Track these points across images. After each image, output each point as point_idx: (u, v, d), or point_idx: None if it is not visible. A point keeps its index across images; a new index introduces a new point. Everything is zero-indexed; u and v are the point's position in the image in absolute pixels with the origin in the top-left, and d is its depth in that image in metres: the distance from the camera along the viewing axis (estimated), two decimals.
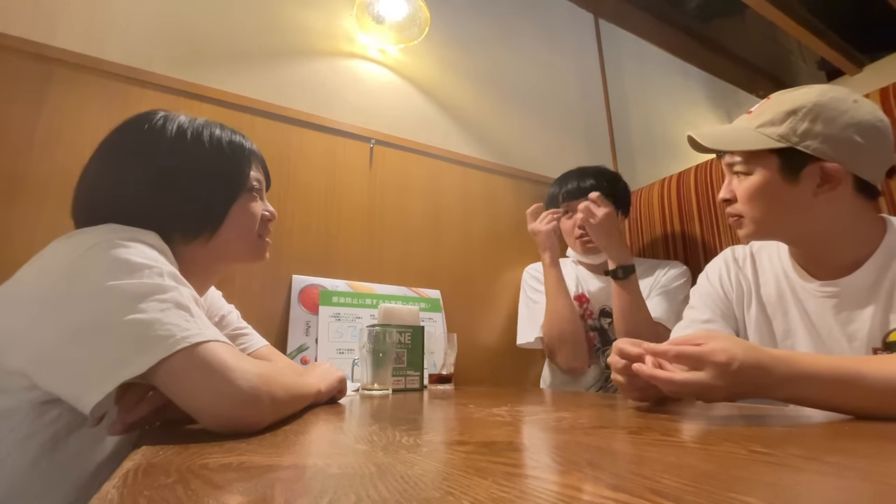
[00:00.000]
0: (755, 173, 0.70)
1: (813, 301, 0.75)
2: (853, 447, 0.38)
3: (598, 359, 1.24)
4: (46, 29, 0.98)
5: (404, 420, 0.55)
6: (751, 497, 0.22)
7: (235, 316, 0.85)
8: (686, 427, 0.48)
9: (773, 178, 0.69)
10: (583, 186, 1.28)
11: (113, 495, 0.25)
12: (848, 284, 0.70)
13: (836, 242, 0.71)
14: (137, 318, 0.43)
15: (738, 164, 0.72)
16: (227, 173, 0.66)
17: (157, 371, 0.42)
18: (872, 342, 0.68)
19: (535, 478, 0.28)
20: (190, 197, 0.62)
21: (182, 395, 0.43)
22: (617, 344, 0.60)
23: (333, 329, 1.12)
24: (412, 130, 1.43)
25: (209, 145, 0.64)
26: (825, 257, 0.73)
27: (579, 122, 1.86)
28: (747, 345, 0.51)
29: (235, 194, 0.66)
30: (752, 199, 0.71)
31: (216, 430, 0.43)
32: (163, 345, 0.42)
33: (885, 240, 0.69)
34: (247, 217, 0.67)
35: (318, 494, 0.24)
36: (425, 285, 1.32)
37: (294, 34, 1.31)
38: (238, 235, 0.67)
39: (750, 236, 0.74)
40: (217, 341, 0.46)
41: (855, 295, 0.70)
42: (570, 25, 1.98)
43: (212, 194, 0.64)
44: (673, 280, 1.24)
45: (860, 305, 0.70)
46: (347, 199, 1.27)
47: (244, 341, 0.83)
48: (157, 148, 0.61)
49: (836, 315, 0.72)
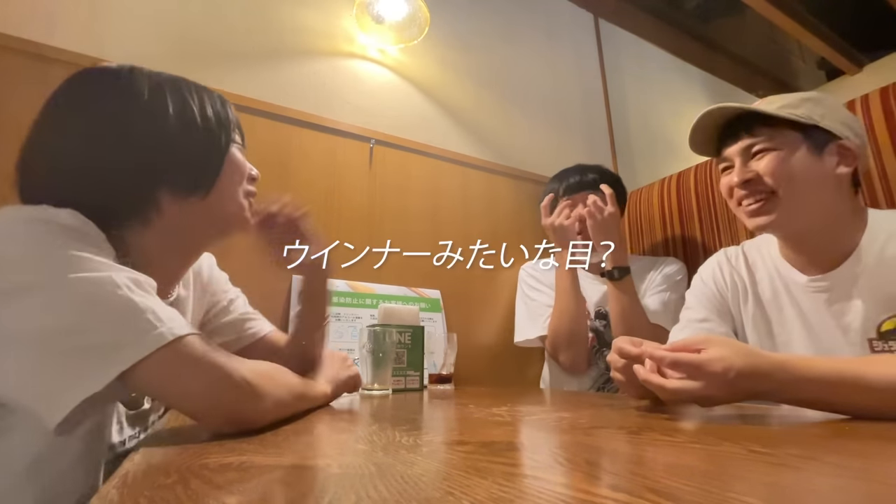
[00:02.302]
0: (783, 149, 0.72)
1: (806, 296, 0.76)
2: (852, 447, 0.38)
3: (597, 361, 1.23)
4: (45, 29, 0.98)
5: (404, 420, 0.55)
6: (751, 497, 0.22)
7: (243, 301, 0.80)
8: (686, 427, 0.48)
9: (801, 153, 0.71)
10: (585, 180, 1.26)
11: (113, 495, 0.25)
12: (837, 277, 0.72)
13: (832, 231, 0.73)
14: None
15: (761, 142, 0.73)
16: (217, 119, 0.58)
17: (131, 377, 0.38)
18: (867, 332, 0.70)
19: (535, 478, 0.28)
20: (182, 145, 0.54)
21: (170, 396, 0.42)
22: (617, 342, 0.61)
23: (333, 329, 1.12)
24: (412, 130, 1.43)
25: (189, 93, 0.57)
26: (819, 249, 0.75)
27: (579, 122, 1.86)
28: (746, 350, 0.51)
29: (228, 141, 0.59)
30: (785, 172, 0.71)
31: (214, 429, 0.42)
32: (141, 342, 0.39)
33: (867, 230, 0.72)
34: (238, 168, 0.60)
35: (318, 494, 0.24)
36: (425, 285, 1.32)
37: (294, 34, 1.31)
38: (235, 190, 0.59)
39: (777, 216, 0.73)
40: (195, 334, 0.43)
41: (845, 287, 0.72)
42: (570, 25, 1.98)
43: (206, 141, 0.56)
44: (669, 278, 1.22)
45: (851, 297, 0.71)
46: (347, 199, 1.27)
47: (253, 325, 0.77)
48: (135, 99, 0.53)
49: (829, 308, 0.73)
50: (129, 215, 0.52)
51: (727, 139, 0.78)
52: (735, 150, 0.76)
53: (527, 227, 1.49)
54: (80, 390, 0.37)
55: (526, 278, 1.37)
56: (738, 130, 0.76)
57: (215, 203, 0.57)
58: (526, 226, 1.49)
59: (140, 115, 0.52)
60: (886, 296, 0.69)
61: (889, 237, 0.70)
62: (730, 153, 0.77)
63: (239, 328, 0.75)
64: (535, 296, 1.31)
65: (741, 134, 0.75)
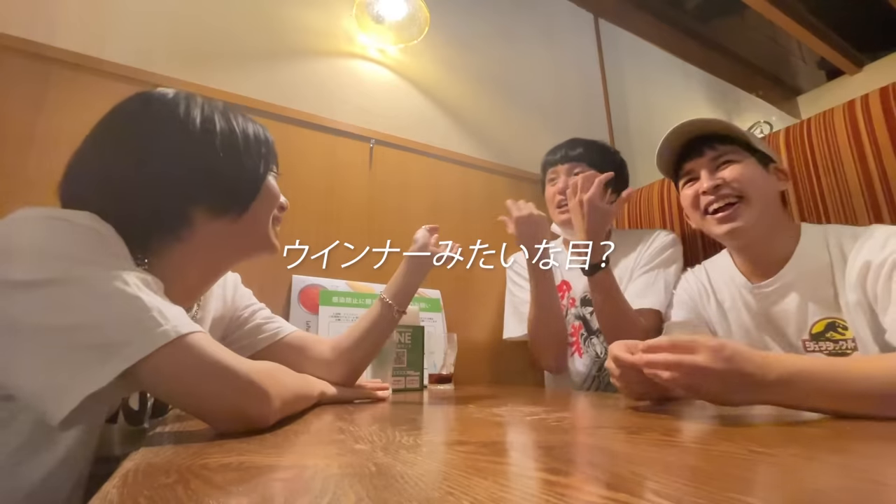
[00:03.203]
0: (745, 162, 0.85)
1: (753, 301, 0.87)
2: (853, 447, 0.38)
3: (587, 348, 1.18)
4: (46, 29, 0.98)
5: (404, 420, 0.55)
6: (751, 497, 0.22)
7: (266, 311, 0.81)
8: (686, 427, 0.48)
9: (756, 167, 0.85)
10: (571, 154, 1.21)
11: (113, 495, 0.25)
12: (775, 282, 0.83)
13: (773, 240, 0.84)
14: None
15: (725, 154, 0.86)
16: (262, 145, 0.62)
17: (137, 374, 0.39)
18: (801, 333, 0.80)
19: (535, 478, 0.28)
20: (223, 169, 0.57)
21: (176, 395, 0.42)
22: (612, 350, 0.61)
23: (333, 329, 1.12)
24: (412, 130, 1.43)
25: (236, 122, 0.60)
26: (762, 256, 0.86)
27: (579, 122, 1.85)
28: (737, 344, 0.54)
29: (268, 168, 0.63)
30: (749, 178, 0.84)
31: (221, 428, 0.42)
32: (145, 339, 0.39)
33: (800, 241, 0.83)
34: (272, 196, 0.63)
35: (318, 494, 0.24)
36: (425, 285, 1.32)
37: (294, 34, 1.31)
38: (263, 217, 0.62)
39: (744, 221, 0.82)
40: (200, 332, 0.43)
41: (781, 291, 0.83)
42: (570, 25, 1.98)
43: (246, 167, 0.59)
44: (656, 254, 1.13)
45: (787, 301, 0.82)
46: (347, 199, 1.27)
47: (271, 327, 0.78)
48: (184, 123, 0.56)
49: (771, 310, 0.84)
50: (161, 228, 0.54)
51: (689, 156, 0.89)
52: (701, 162, 0.87)
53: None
54: (85, 386, 0.37)
55: (511, 274, 1.34)
56: (699, 146, 0.88)
57: (246, 226, 0.60)
58: None
59: (189, 139, 0.55)
60: (817, 299, 0.79)
61: (819, 247, 0.80)
62: (695, 166, 0.88)
63: (257, 331, 0.77)
64: (517, 291, 1.29)
65: (703, 149, 0.87)
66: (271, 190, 0.63)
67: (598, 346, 1.16)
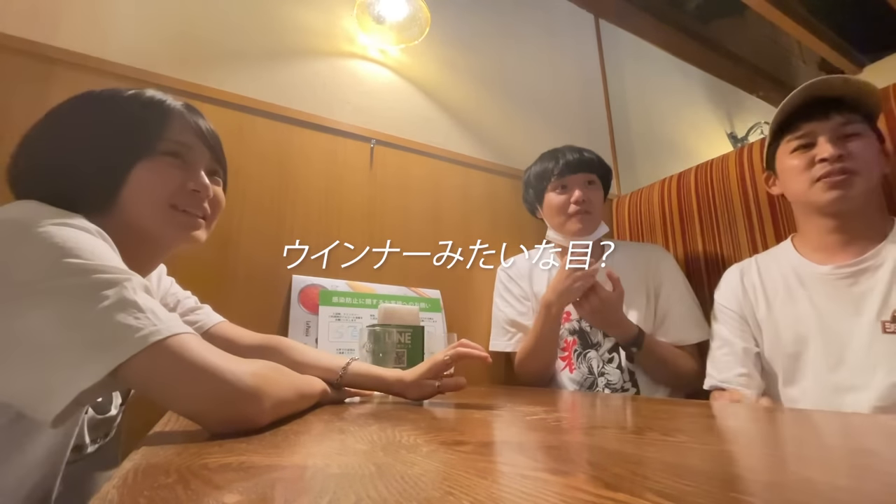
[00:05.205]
0: (868, 136, 0.82)
1: (824, 286, 0.84)
2: (859, 447, 0.38)
3: (580, 364, 1.17)
4: (47, 29, 0.98)
5: (404, 420, 0.55)
6: (751, 497, 0.22)
7: (194, 300, 0.79)
8: (686, 427, 0.48)
9: (876, 144, 0.83)
10: (584, 158, 1.19)
11: (113, 495, 0.25)
12: (865, 262, 0.81)
13: (869, 216, 0.83)
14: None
15: (854, 123, 0.81)
16: (126, 130, 0.56)
17: (126, 373, 0.39)
18: (882, 315, 0.77)
19: (535, 478, 0.28)
20: (85, 159, 0.54)
21: (167, 397, 0.42)
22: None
23: (333, 329, 1.12)
24: (413, 131, 1.43)
25: (110, 102, 0.57)
26: (858, 233, 0.83)
27: (579, 122, 1.85)
28: None
29: (136, 155, 0.56)
30: (871, 158, 0.81)
31: (214, 430, 0.42)
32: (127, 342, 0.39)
33: (894, 229, 0.81)
34: (153, 182, 0.56)
35: (318, 494, 0.24)
36: (425, 285, 1.32)
37: (294, 34, 1.31)
38: (145, 205, 0.56)
39: (850, 196, 0.80)
40: (191, 334, 0.43)
41: (870, 271, 0.80)
42: (570, 25, 1.98)
43: (106, 154, 0.55)
44: (668, 277, 1.17)
45: (875, 281, 0.79)
46: (348, 199, 1.27)
47: (199, 316, 0.76)
48: (67, 114, 0.57)
49: (849, 292, 0.81)
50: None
51: (811, 115, 0.83)
52: (825, 126, 0.82)
53: (527, 226, 1.49)
54: (77, 383, 0.37)
55: (500, 284, 1.34)
56: (827, 109, 0.81)
57: (129, 216, 0.55)
58: (526, 226, 1.49)
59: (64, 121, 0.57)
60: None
61: None
62: (816, 129, 0.83)
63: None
64: (503, 306, 1.29)
65: (830, 112, 0.81)
66: (152, 176, 0.56)
67: (594, 361, 1.16)
